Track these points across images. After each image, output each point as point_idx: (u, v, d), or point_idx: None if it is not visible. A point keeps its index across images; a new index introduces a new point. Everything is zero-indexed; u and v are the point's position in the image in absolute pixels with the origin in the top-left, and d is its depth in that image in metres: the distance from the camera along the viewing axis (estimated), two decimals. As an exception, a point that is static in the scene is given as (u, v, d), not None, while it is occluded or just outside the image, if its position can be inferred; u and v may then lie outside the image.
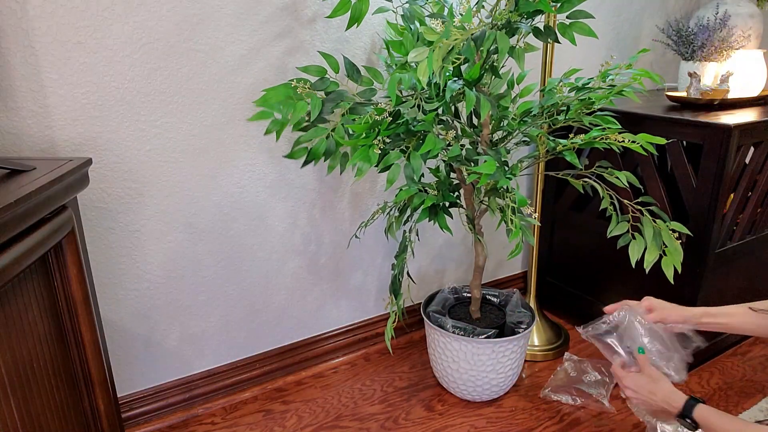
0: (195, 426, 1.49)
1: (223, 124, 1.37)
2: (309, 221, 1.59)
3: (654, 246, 1.28)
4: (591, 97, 1.28)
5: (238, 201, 1.46)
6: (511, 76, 1.43)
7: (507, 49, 1.08)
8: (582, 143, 1.30)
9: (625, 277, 1.71)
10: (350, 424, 1.48)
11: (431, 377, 1.66)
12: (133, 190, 1.31)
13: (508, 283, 2.13)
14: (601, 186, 1.38)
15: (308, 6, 1.39)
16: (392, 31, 1.31)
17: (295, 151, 1.35)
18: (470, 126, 1.41)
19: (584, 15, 1.16)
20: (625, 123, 1.45)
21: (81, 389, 1.05)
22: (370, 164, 1.18)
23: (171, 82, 1.28)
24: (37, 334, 0.90)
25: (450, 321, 1.47)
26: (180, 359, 1.50)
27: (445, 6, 1.28)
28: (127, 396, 1.44)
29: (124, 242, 1.33)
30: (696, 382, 1.61)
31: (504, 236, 2.00)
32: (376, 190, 1.68)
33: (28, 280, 0.88)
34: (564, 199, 1.87)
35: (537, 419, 1.48)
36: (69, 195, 0.95)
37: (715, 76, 1.74)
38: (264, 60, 1.37)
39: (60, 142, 1.19)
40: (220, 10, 1.28)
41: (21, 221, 0.80)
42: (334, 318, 1.75)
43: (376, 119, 1.19)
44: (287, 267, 1.60)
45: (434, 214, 1.31)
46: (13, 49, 1.09)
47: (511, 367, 1.49)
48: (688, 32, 1.78)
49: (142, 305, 1.40)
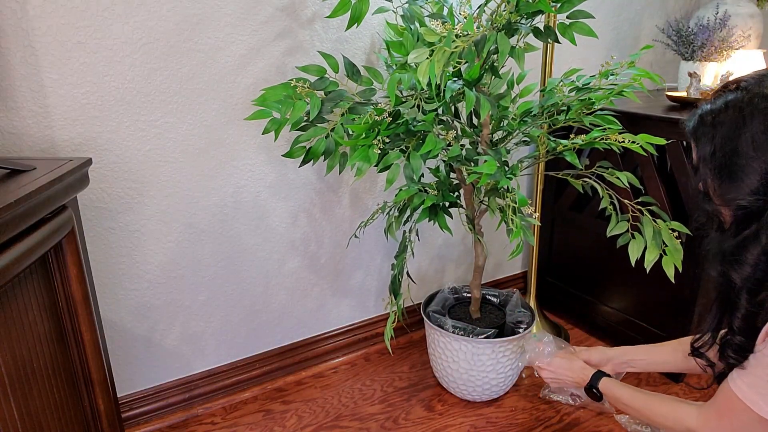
0: (195, 426, 1.49)
1: (223, 124, 1.37)
2: (309, 221, 1.59)
3: (654, 245, 1.28)
4: (591, 98, 1.28)
5: (238, 201, 1.46)
6: (511, 76, 1.43)
7: (507, 50, 1.08)
8: (582, 143, 1.30)
9: (625, 277, 1.71)
10: (350, 424, 1.48)
11: (431, 377, 1.66)
12: (133, 190, 1.31)
13: (508, 283, 2.13)
14: (601, 186, 1.38)
15: (308, 6, 1.39)
16: (392, 32, 1.31)
17: (293, 150, 1.35)
18: (470, 126, 1.41)
19: (584, 15, 1.16)
20: (625, 123, 1.45)
21: (81, 389, 1.05)
22: (370, 164, 1.18)
23: (171, 82, 1.28)
24: (37, 333, 0.90)
25: (450, 321, 1.47)
26: (180, 359, 1.50)
27: (444, 6, 1.28)
28: (127, 396, 1.44)
29: (124, 242, 1.33)
30: (695, 382, 1.61)
31: (504, 236, 2.00)
32: (376, 190, 1.68)
33: (28, 280, 0.88)
34: (564, 199, 1.87)
35: (537, 419, 1.48)
36: (69, 195, 0.95)
37: (715, 76, 1.74)
38: (264, 60, 1.37)
39: (60, 142, 1.19)
40: (220, 10, 1.28)
41: (21, 221, 0.80)
42: (334, 318, 1.75)
43: (376, 119, 1.19)
44: (287, 267, 1.60)
45: (434, 214, 1.31)
46: (13, 49, 1.09)
47: (511, 367, 1.49)
48: (688, 32, 1.78)
49: (142, 305, 1.40)
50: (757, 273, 0.80)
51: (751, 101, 0.79)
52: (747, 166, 0.79)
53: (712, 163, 0.83)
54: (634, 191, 1.51)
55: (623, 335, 1.74)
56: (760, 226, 0.79)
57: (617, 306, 1.77)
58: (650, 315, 1.66)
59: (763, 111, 0.78)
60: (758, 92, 0.80)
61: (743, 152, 0.79)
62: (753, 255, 0.80)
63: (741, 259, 0.81)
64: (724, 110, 0.82)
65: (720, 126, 0.82)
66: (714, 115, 0.84)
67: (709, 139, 0.83)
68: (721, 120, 0.82)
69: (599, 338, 1.85)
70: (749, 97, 0.80)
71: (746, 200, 0.80)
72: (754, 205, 0.80)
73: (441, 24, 1.11)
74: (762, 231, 0.79)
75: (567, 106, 1.31)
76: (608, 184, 1.39)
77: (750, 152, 0.78)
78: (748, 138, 0.79)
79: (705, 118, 0.85)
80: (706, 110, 0.86)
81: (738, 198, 0.81)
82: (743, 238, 0.81)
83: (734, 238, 0.83)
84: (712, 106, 0.85)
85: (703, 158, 0.85)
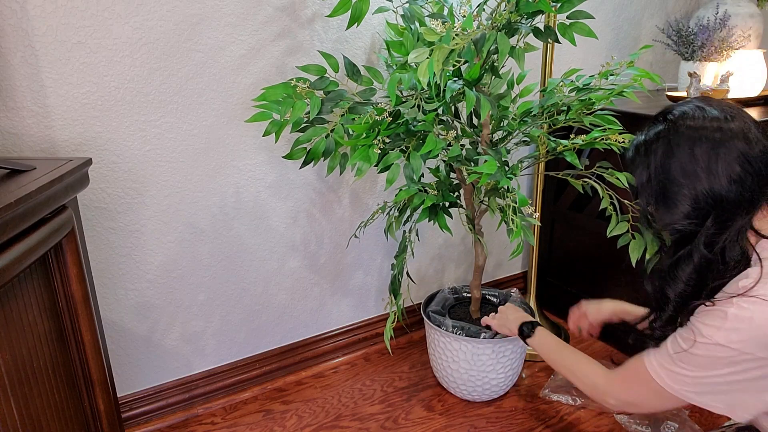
0: (195, 426, 1.49)
1: (223, 124, 1.37)
2: (309, 221, 1.59)
3: (654, 245, 1.28)
4: (591, 98, 1.28)
5: (239, 201, 1.46)
6: (511, 76, 1.43)
7: (507, 50, 1.08)
8: (582, 144, 1.30)
9: (625, 277, 1.71)
10: (350, 424, 1.48)
11: (431, 377, 1.66)
12: (133, 190, 1.31)
13: (508, 283, 2.13)
14: (601, 186, 1.38)
15: (308, 6, 1.39)
16: (392, 32, 1.31)
17: (294, 152, 1.35)
18: (470, 126, 1.41)
19: (584, 15, 1.16)
20: (626, 123, 1.44)
21: (81, 389, 1.05)
22: (370, 164, 1.18)
23: (171, 82, 1.28)
24: (37, 333, 0.90)
25: (450, 321, 1.47)
26: (180, 359, 1.50)
27: (444, 6, 1.28)
28: (127, 396, 1.44)
29: (124, 242, 1.33)
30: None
31: (504, 236, 2.00)
32: (376, 190, 1.68)
33: (28, 280, 0.88)
34: (564, 199, 1.87)
35: (537, 419, 1.48)
36: (69, 195, 0.95)
37: (715, 76, 1.74)
38: (264, 60, 1.37)
39: (60, 142, 1.19)
40: (220, 10, 1.28)
41: (21, 221, 0.80)
42: (334, 318, 1.75)
43: (376, 119, 1.19)
44: (287, 267, 1.60)
45: (434, 214, 1.31)
46: (13, 49, 1.09)
47: (511, 367, 1.49)
48: (688, 32, 1.78)
49: (142, 305, 1.40)
50: (687, 289, 0.89)
51: (677, 131, 0.87)
52: (679, 193, 0.87)
53: (649, 190, 0.91)
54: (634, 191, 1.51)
55: (623, 335, 1.74)
56: (693, 247, 0.87)
57: (617, 306, 1.77)
58: (650, 315, 1.66)
59: (687, 141, 0.85)
60: (683, 123, 0.87)
61: (675, 179, 0.87)
62: (685, 273, 0.89)
63: (675, 276, 0.90)
64: (655, 140, 0.90)
65: (653, 155, 0.89)
66: (647, 145, 0.91)
67: (644, 168, 0.91)
68: (653, 150, 0.89)
69: (599, 338, 1.85)
70: (674, 128, 0.87)
71: (680, 224, 0.88)
72: (688, 228, 0.88)
73: (441, 24, 1.11)
74: (694, 251, 0.87)
75: (567, 106, 1.31)
76: (608, 184, 1.39)
77: (680, 179, 0.86)
78: (677, 166, 0.86)
79: (639, 148, 0.93)
80: (640, 141, 0.93)
81: (673, 222, 0.89)
82: (678, 257, 0.90)
83: (671, 258, 0.91)
84: (645, 136, 0.92)
85: (641, 186, 0.93)
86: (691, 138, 0.85)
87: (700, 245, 0.86)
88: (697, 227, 0.86)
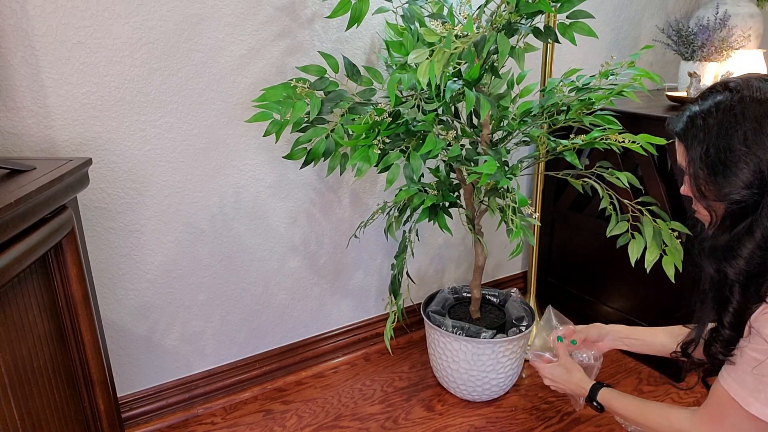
0: (195, 426, 1.49)
1: (223, 124, 1.37)
2: (309, 221, 1.59)
3: (654, 245, 1.28)
4: (591, 98, 1.28)
5: (238, 201, 1.46)
6: (511, 76, 1.43)
7: (507, 51, 1.08)
8: (582, 143, 1.30)
9: (625, 276, 1.71)
10: (350, 424, 1.48)
11: (431, 377, 1.66)
12: (133, 190, 1.31)
13: (508, 283, 2.13)
14: (601, 186, 1.38)
15: (308, 6, 1.39)
16: (392, 32, 1.31)
17: (294, 152, 1.35)
18: (470, 126, 1.41)
19: (584, 15, 1.16)
20: (625, 123, 1.44)
21: (81, 389, 1.05)
22: (370, 164, 1.18)
23: (171, 82, 1.28)
24: (37, 334, 0.90)
25: (450, 321, 1.47)
26: (180, 359, 1.50)
27: (444, 6, 1.28)
28: (127, 396, 1.44)
29: (124, 242, 1.33)
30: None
31: (504, 236, 2.00)
32: (376, 190, 1.68)
33: (28, 280, 0.88)
34: (564, 199, 1.87)
35: (537, 419, 1.48)
36: (69, 195, 0.95)
37: (715, 76, 1.74)
38: (264, 60, 1.37)
39: (60, 142, 1.19)
40: (220, 10, 1.28)
41: (21, 221, 0.80)
42: (334, 318, 1.75)
43: (376, 119, 1.19)
44: (287, 267, 1.60)
45: (434, 214, 1.31)
46: (13, 49, 1.09)
47: (511, 367, 1.49)
48: (688, 32, 1.78)
49: (142, 305, 1.40)
50: (750, 267, 0.82)
51: (742, 101, 0.83)
52: (740, 161, 0.82)
53: (705, 161, 0.86)
54: (634, 191, 1.51)
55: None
56: (754, 220, 0.82)
57: (617, 306, 1.77)
58: (650, 315, 1.66)
59: (753, 110, 0.82)
60: (748, 94, 0.83)
61: (736, 149, 0.82)
62: (747, 249, 0.82)
63: (735, 253, 0.83)
64: (715, 111, 0.85)
65: (711, 126, 0.85)
66: (704, 116, 0.87)
67: (701, 139, 0.86)
68: (712, 120, 0.85)
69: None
70: (739, 98, 0.84)
71: (740, 194, 0.83)
72: (749, 198, 0.82)
73: (441, 24, 1.11)
74: (756, 224, 0.82)
75: (567, 106, 1.31)
76: (608, 184, 1.39)
77: (743, 148, 0.82)
78: (740, 136, 0.82)
79: (695, 119, 0.88)
80: (695, 111, 0.89)
81: (732, 192, 0.83)
82: (737, 232, 0.83)
83: (728, 233, 0.85)
84: (701, 107, 0.88)
85: (696, 157, 0.88)
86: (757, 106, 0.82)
87: (764, 217, 0.80)
88: (760, 197, 0.81)
